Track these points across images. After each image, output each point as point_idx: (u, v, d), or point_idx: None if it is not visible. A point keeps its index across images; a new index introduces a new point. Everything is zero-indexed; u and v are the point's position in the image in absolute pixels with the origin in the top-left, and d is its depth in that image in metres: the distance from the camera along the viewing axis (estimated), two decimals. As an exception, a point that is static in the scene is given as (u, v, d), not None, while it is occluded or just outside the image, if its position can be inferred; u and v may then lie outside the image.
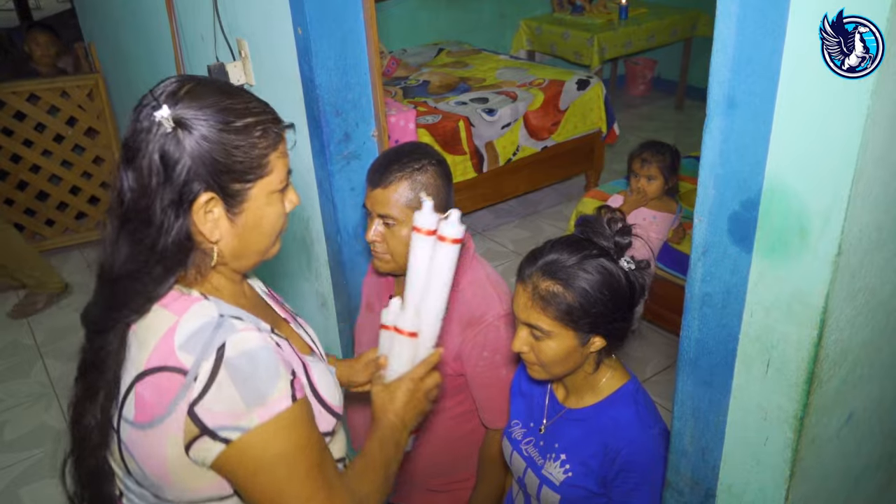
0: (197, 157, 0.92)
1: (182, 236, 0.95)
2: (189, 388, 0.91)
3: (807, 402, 0.95)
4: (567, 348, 1.27)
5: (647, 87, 6.38)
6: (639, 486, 1.30)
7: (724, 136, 0.93)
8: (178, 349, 0.93)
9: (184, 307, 0.97)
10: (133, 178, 0.92)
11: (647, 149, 2.85)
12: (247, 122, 0.95)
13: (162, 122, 0.91)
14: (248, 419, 0.92)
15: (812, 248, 0.87)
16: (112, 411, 0.97)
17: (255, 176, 0.97)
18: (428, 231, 1.24)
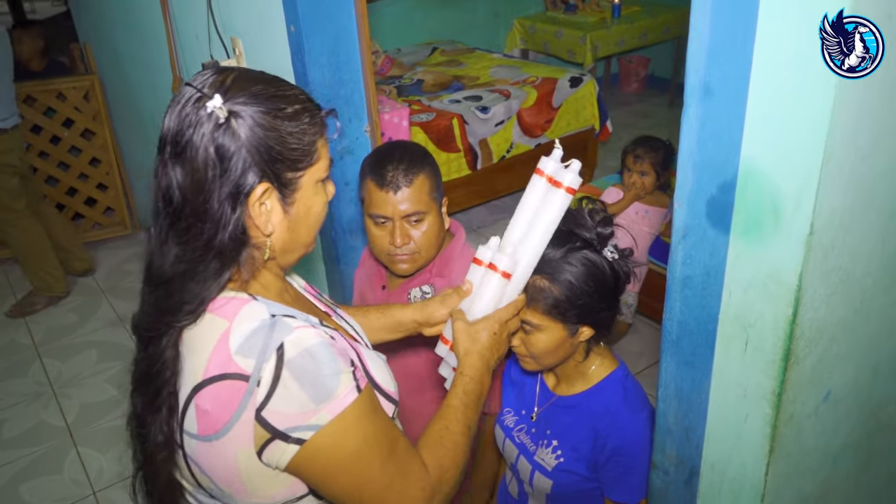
0: (252, 147, 0.89)
1: (238, 230, 0.91)
2: (253, 394, 0.89)
3: (784, 379, 0.99)
4: (556, 340, 1.30)
5: (641, 85, 6.42)
6: (629, 469, 1.33)
7: (700, 123, 0.96)
8: (235, 354, 0.90)
9: (234, 311, 0.93)
10: (184, 173, 0.88)
11: (640, 145, 2.89)
12: (296, 109, 0.93)
13: (215, 112, 0.87)
14: (319, 417, 0.90)
15: (785, 228, 0.91)
16: (174, 426, 0.94)
17: (305, 164, 0.95)
18: (548, 177, 1.20)
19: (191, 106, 0.89)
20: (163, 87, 3.07)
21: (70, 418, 3.01)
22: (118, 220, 4.45)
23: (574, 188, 1.19)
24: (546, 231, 1.20)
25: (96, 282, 4.04)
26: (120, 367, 3.31)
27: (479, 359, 1.15)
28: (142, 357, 0.96)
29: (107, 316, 3.71)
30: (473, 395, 1.11)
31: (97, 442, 2.88)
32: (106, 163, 4.27)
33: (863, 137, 0.88)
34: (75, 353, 3.44)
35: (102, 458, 2.79)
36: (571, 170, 1.19)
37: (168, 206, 0.90)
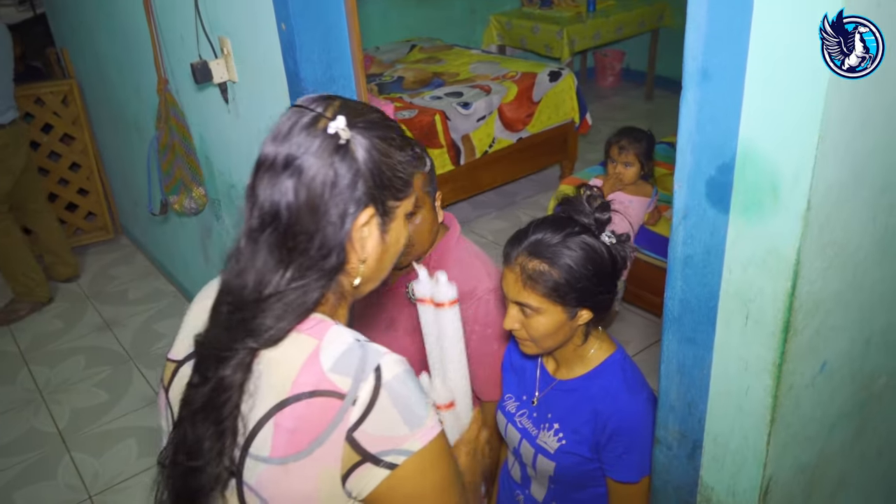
0: (367, 171, 0.90)
1: (342, 253, 0.91)
2: (347, 413, 0.86)
3: (784, 350, 1.03)
4: (556, 323, 1.33)
5: (617, 79, 6.50)
6: (629, 449, 1.37)
7: (699, 107, 1.00)
8: (329, 372, 0.88)
9: (322, 331, 0.91)
10: (298, 192, 0.87)
11: (624, 136, 2.94)
12: (402, 140, 0.95)
13: (338, 133, 0.88)
14: (411, 443, 0.88)
15: (783, 204, 0.95)
16: (235, 452, 0.90)
17: (404, 194, 0.96)
18: (427, 300, 1.26)
19: (306, 128, 0.89)
20: (146, 90, 3.06)
21: (61, 424, 3.00)
22: (100, 225, 4.42)
23: (455, 299, 1.25)
24: (459, 347, 1.28)
25: (80, 287, 4.01)
26: (109, 372, 3.30)
27: (470, 476, 1.19)
28: (205, 380, 0.90)
29: (93, 321, 3.69)
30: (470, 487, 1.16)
31: (91, 446, 2.87)
32: (86, 167, 4.24)
33: (854, 116, 0.93)
34: (63, 359, 3.42)
35: (97, 462, 2.79)
36: (442, 283, 1.24)
37: (273, 223, 0.89)
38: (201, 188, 2.76)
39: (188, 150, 2.72)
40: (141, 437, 2.90)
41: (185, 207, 2.77)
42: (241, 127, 2.39)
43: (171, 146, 2.69)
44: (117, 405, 3.09)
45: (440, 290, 1.24)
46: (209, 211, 2.94)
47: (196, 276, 3.52)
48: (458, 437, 1.24)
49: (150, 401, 3.10)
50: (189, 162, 2.72)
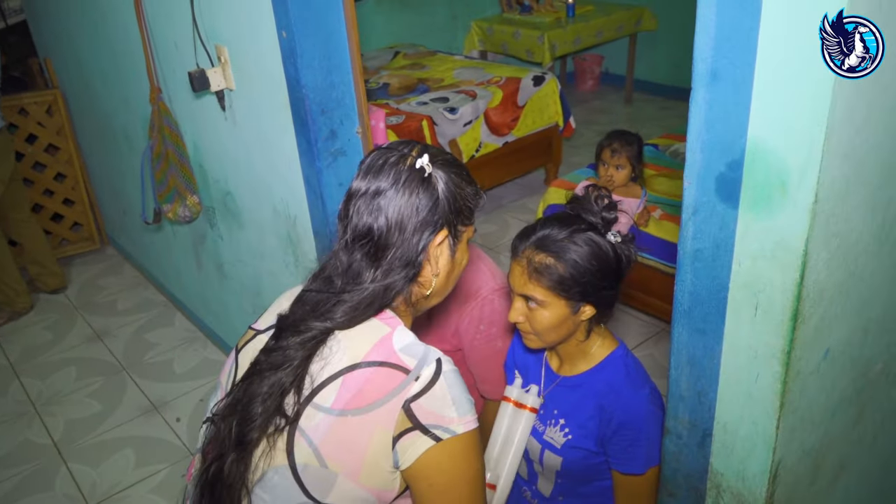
0: (444, 200, 1.09)
1: (418, 267, 1.10)
2: (408, 385, 1.03)
3: (792, 338, 1.08)
4: (560, 316, 1.37)
5: (596, 83, 6.59)
6: (634, 442, 1.41)
7: (708, 106, 1.05)
8: (399, 351, 1.06)
9: (395, 324, 1.11)
10: (388, 214, 1.06)
11: (616, 139, 2.99)
12: (469, 177, 1.15)
13: (423, 167, 1.07)
14: (457, 425, 1.03)
15: (792, 198, 1.00)
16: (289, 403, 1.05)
17: (469, 222, 1.16)
18: (514, 402, 1.51)
19: (394, 164, 1.08)
20: (136, 100, 3.07)
21: (56, 436, 2.98)
22: (86, 236, 4.39)
23: (536, 408, 1.50)
24: (519, 446, 1.50)
25: (68, 298, 3.98)
26: (102, 382, 3.28)
27: None
28: (279, 347, 1.08)
29: (83, 332, 3.67)
30: None
31: (87, 457, 2.85)
32: (71, 177, 4.21)
33: (858, 113, 0.98)
34: (54, 370, 3.39)
35: (94, 473, 2.78)
36: (531, 393, 1.51)
37: (366, 239, 1.08)
38: (195, 196, 2.77)
39: (182, 159, 2.73)
40: (138, 446, 2.89)
41: (179, 216, 2.77)
42: (238, 134, 2.40)
43: (165, 155, 2.70)
44: (112, 415, 3.07)
45: (527, 398, 1.51)
46: (203, 219, 2.94)
47: (188, 284, 3.51)
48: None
49: (146, 410, 3.09)
50: (183, 170, 2.73)
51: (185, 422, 3.00)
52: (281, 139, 2.15)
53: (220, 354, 3.39)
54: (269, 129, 2.20)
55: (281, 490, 1.05)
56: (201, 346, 3.47)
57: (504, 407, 1.51)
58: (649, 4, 5.89)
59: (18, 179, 3.78)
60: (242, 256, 2.78)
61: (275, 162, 2.25)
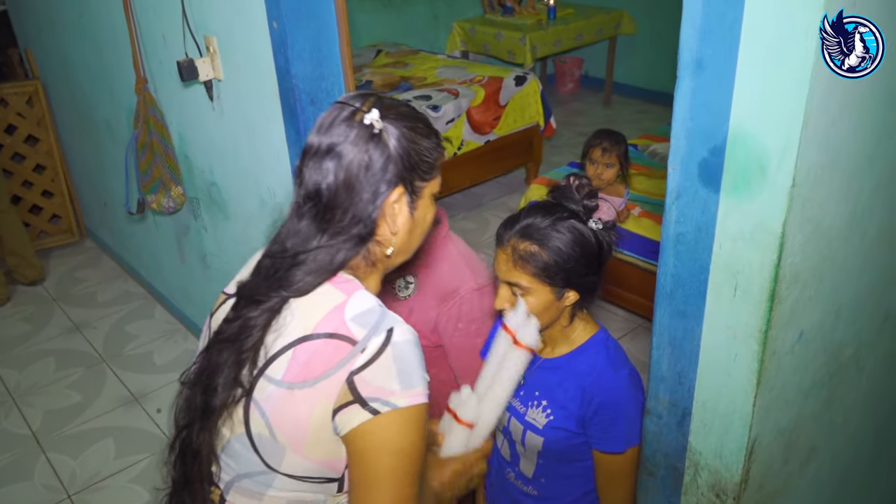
0: (397, 156, 1.05)
1: (371, 226, 1.07)
2: (353, 358, 1.01)
3: (769, 318, 1.13)
4: (545, 302, 1.41)
5: (576, 85, 6.67)
6: (614, 420, 1.46)
7: (693, 94, 1.10)
8: (349, 321, 1.04)
9: (351, 289, 1.08)
10: (336, 174, 1.03)
11: (605, 138, 3.04)
12: (428, 129, 1.11)
13: (373, 123, 1.03)
14: (398, 398, 1.01)
15: (770, 182, 1.05)
16: (252, 373, 1.05)
17: (430, 176, 1.12)
18: (512, 334, 1.39)
19: (345, 120, 1.05)
20: (121, 91, 3.06)
21: (35, 426, 2.96)
22: (65, 228, 4.36)
23: (533, 347, 1.38)
24: (507, 388, 1.39)
25: (46, 290, 3.95)
26: (81, 374, 3.27)
27: (438, 484, 1.30)
28: (237, 317, 1.08)
29: (61, 324, 3.65)
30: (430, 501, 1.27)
31: (67, 447, 2.84)
32: (51, 169, 4.18)
33: (833, 104, 1.03)
34: (32, 361, 3.37)
35: (74, 463, 2.77)
36: (531, 329, 1.37)
37: (314, 199, 1.06)
38: (179, 187, 2.78)
39: (167, 150, 2.73)
40: (118, 436, 2.89)
41: (162, 206, 2.78)
42: (226, 124, 2.42)
43: (150, 145, 2.70)
44: (91, 406, 3.06)
45: (526, 333, 1.37)
46: (187, 210, 2.95)
47: (170, 276, 3.51)
48: (456, 455, 1.35)
49: (126, 401, 3.08)
50: (167, 161, 2.73)
51: (166, 413, 3.00)
52: (269, 129, 2.17)
53: (201, 347, 3.38)
54: (258, 120, 2.22)
55: (242, 458, 1.09)
56: (182, 338, 3.46)
57: (501, 337, 1.41)
58: (629, 8, 5.99)
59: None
60: (226, 247, 2.79)
61: (262, 152, 2.27)
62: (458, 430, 1.37)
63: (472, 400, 1.39)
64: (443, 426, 1.40)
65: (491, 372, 1.41)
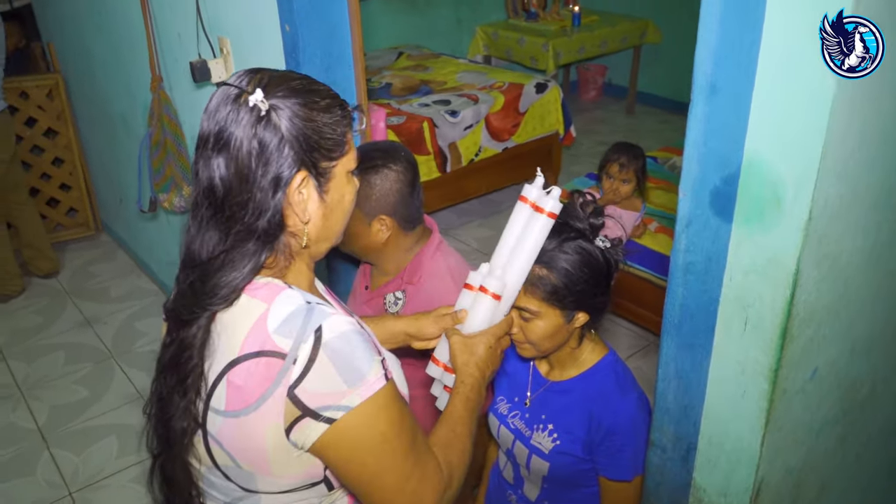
0: (292, 137, 0.94)
1: (277, 217, 0.96)
2: (288, 371, 0.93)
3: (780, 356, 1.08)
4: (554, 326, 1.37)
5: (598, 93, 6.60)
6: (622, 447, 1.41)
7: (706, 119, 1.05)
8: (273, 334, 0.95)
9: (272, 294, 0.98)
10: (227, 165, 0.93)
11: (623, 153, 2.97)
12: (328, 102, 0.99)
13: (257, 105, 0.93)
14: (350, 398, 0.94)
15: (786, 215, 1.00)
16: (200, 405, 0.99)
17: (338, 153, 1.00)
18: (532, 203, 1.30)
19: (231, 103, 0.94)
20: (137, 87, 3.06)
21: (41, 420, 2.96)
22: (81, 221, 4.37)
23: (555, 213, 1.28)
24: (530, 254, 1.30)
25: (60, 283, 3.96)
26: (89, 369, 3.27)
27: (476, 369, 1.23)
28: (172, 340, 1.00)
29: (73, 318, 3.65)
30: (473, 402, 1.19)
31: (70, 443, 2.84)
32: (69, 162, 4.20)
33: (853, 135, 0.98)
34: (42, 354, 3.38)
35: (77, 459, 2.76)
36: (552, 196, 1.28)
37: (210, 196, 0.95)
38: (191, 186, 2.76)
39: (180, 149, 2.72)
40: (122, 434, 2.88)
41: (174, 205, 2.76)
42: (237, 126, 2.39)
43: (163, 144, 2.69)
44: (98, 402, 3.06)
45: (548, 201, 1.27)
46: (198, 210, 2.93)
47: (180, 274, 3.50)
48: (487, 328, 1.28)
49: (132, 399, 3.08)
50: (180, 160, 2.72)
51: (170, 412, 2.99)
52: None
53: (210, 347, 3.37)
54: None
55: (221, 487, 1.05)
56: (191, 338, 3.45)
57: (520, 208, 1.33)
58: (654, 17, 5.90)
59: (17, 162, 3.77)
60: (236, 249, 2.77)
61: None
62: (485, 303, 1.28)
63: (496, 271, 1.30)
64: (463, 303, 1.33)
65: (509, 243, 1.32)
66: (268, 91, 0.95)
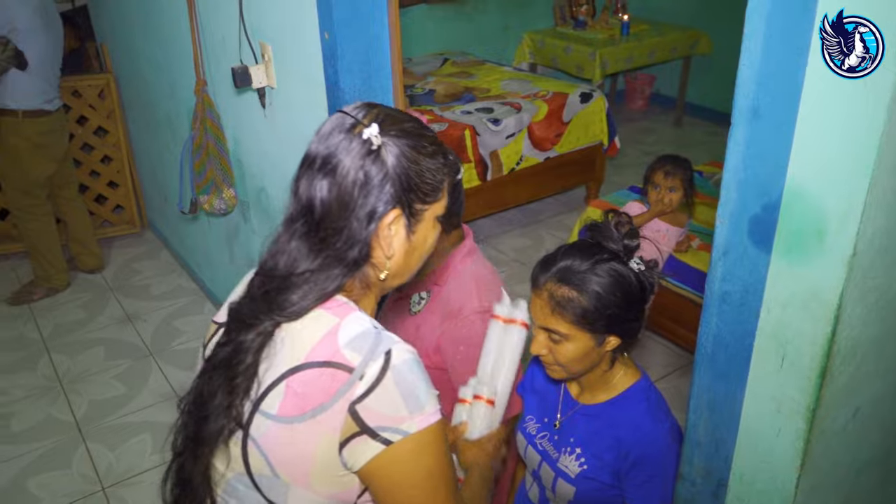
0: (395, 176, 0.98)
1: (365, 249, 0.99)
2: (353, 386, 0.94)
3: (819, 395, 1.02)
4: (584, 349, 1.33)
5: (646, 103, 6.49)
6: (651, 478, 1.36)
7: (747, 144, 1.00)
8: (343, 347, 0.97)
9: (344, 312, 1.01)
10: (331, 189, 0.97)
11: (668, 161, 2.92)
12: (434, 149, 1.03)
13: (371, 139, 0.96)
14: (409, 424, 0.95)
15: (829, 248, 0.94)
16: (245, 406, 1.00)
17: (432, 199, 1.04)
18: (503, 318, 1.41)
19: (345, 132, 0.98)
20: (182, 90, 3.10)
21: (78, 414, 3.03)
22: (127, 219, 4.47)
23: (527, 322, 1.38)
24: (515, 360, 1.42)
25: (104, 279, 4.05)
26: (128, 365, 3.33)
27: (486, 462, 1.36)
28: (229, 340, 1.02)
29: (114, 314, 3.73)
30: (488, 481, 1.33)
31: (106, 438, 2.89)
32: (118, 161, 4.29)
33: (905, 163, 0.92)
34: (83, 349, 3.45)
35: (111, 455, 2.81)
36: (521, 307, 1.39)
37: (307, 215, 0.99)
38: (231, 189, 2.79)
39: (221, 152, 2.75)
40: (156, 432, 2.92)
41: (214, 207, 2.79)
42: (276, 132, 2.41)
43: (205, 147, 2.72)
44: (134, 399, 3.11)
45: (516, 312, 1.39)
46: (238, 212, 2.96)
47: (220, 275, 3.54)
48: (486, 435, 1.39)
49: (167, 397, 3.12)
50: (221, 163, 2.75)
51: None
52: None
53: (245, 348, 3.40)
54: (306, 130, 2.19)
55: (244, 496, 1.04)
56: (227, 338, 3.49)
57: (493, 325, 1.41)
58: (706, 28, 5.78)
59: (69, 159, 3.88)
60: (272, 253, 2.79)
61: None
62: (481, 410, 1.38)
63: (485, 381, 1.40)
64: (460, 416, 1.41)
65: (492, 356, 1.41)
66: (383, 127, 0.99)
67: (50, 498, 2.63)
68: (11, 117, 3.44)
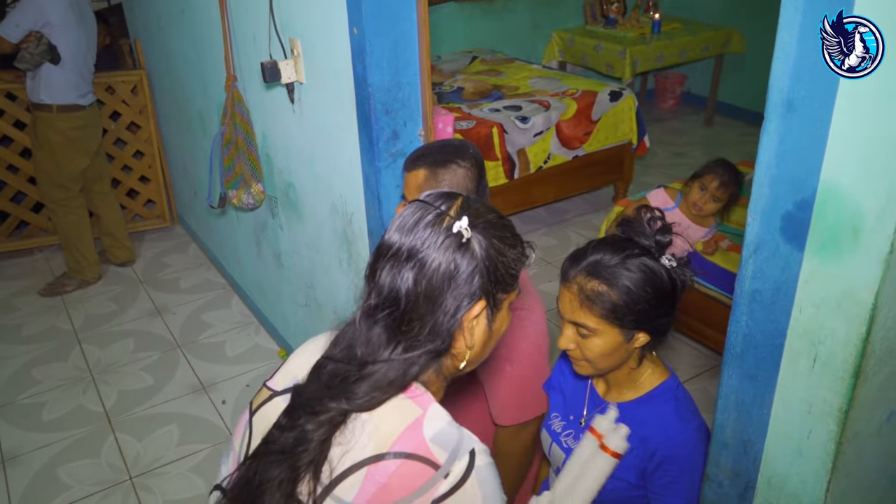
0: (483, 268, 0.97)
1: (448, 339, 0.98)
2: (437, 484, 0.92)
3: (852, 397, 1.00)
4: (612, 344, 1.32)
5: (676, 102, 6.42)
6: (677, 479, 1.34)
7: (780, 139, 0.98)
8: (429, 441, 0.95)
9: (425, 402, 0.99)
10: (418, 282, 0.95)
11: (727, 172, 2.87)
12: (514, 239, 1.02)
13: (461, 232, 0.95)
14: None
15: (864, 246, 0.92)
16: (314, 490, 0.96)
17: (512, 288, 1.03)
18: (600, 439, 1.35)
19: (430, 224, 0.96)
20: (213, 86, 3.13)
21: (108, 404, 3.07)
22: (158, 213, 4.53)
23: (619, 454, 1.34)
24: (591, 490, 1.36)
25: (135, 272, 4.11)
26: (156, 357, 3.37)
27: None
28: (291, 427, 0.98)
29: (144, 306, 3.78)
30: None
31: (134, 429, 2.93)
32: (149, 156, 4.35)
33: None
34: (113, 340, 3.50)
35: (139, 445, 2.84)
36: (619, 433, 1.34)
37: (392, 305, 0.97)
38: (260, 185, 2.81)
39: (250, 147, 2.77)
40: (182, 423, 2.95)
41: (243, 202, 2.81)
42: (305, 128, 2.42)
43: (235, 142, 2.75)
44: (162, 391, 3.15)
45: (614, 438, 1.34)
46: (266, 207, 2.98)
47: (248, 269, 3.57)
48: None
49: (194, 389, 3.15)
50: (250, 158, 2.77)
51: (230, 405, 3.05)
52: (344, 136, 2.15)
53: (271, 342, 3.43)
54: (334, 126, 2.21)
55: None
56: (254, 332, 3.52)
57: (588, 440, 1.39)
58: (739, 25, 5.70)
59: (102, 154, 3.95)
60: (299, 248, 2.81)
61: (337, 158, 2.26)
62: None
63: (559, 496, 1.35)
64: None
65: (573, 475, 1.36)
66: (471, 219, 0.97)
67: (79, 486, 2.67)
68: (46, 112, 3.50)
